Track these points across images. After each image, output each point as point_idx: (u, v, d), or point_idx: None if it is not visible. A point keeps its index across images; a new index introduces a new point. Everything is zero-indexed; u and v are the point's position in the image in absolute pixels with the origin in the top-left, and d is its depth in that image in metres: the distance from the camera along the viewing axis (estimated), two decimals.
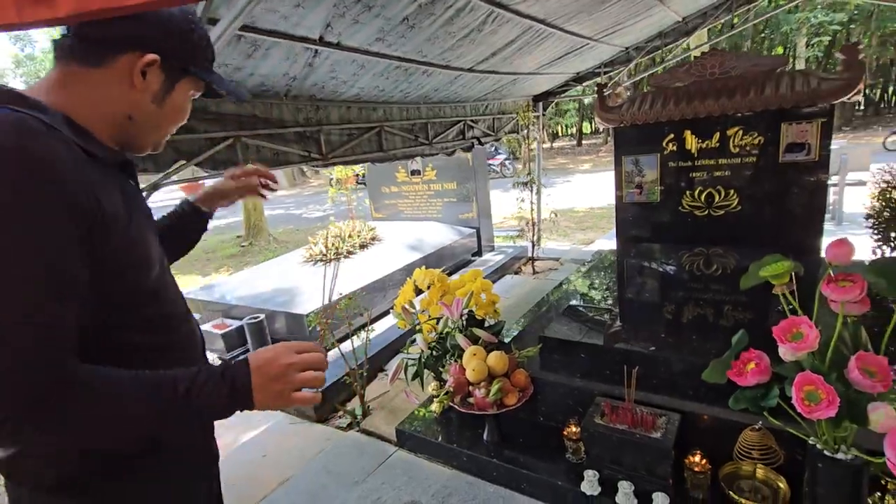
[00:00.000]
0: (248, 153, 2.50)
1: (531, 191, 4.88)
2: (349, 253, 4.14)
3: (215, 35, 1.42)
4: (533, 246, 5.04)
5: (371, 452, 2.33)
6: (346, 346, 2.74)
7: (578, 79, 5.16)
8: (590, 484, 1.76)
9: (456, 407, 1.97)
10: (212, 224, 1.30)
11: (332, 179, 7.78)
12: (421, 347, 2.17)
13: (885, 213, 3.29)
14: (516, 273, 5.08)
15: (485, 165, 5.16)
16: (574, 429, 1.89)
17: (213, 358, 3.30)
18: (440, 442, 2.19)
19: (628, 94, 4.89)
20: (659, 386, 1.98)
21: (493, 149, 16.00)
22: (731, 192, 3.63)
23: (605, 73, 5.04)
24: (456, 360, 2.12)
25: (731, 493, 1.61)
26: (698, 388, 1.84)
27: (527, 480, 1.92)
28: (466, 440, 2.17)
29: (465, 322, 2.38)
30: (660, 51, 4.75)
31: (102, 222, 0.65)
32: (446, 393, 1.98)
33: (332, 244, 4.14)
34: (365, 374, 2.71)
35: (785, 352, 1.33)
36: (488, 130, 4.60)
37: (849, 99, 3.33)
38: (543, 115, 5.60)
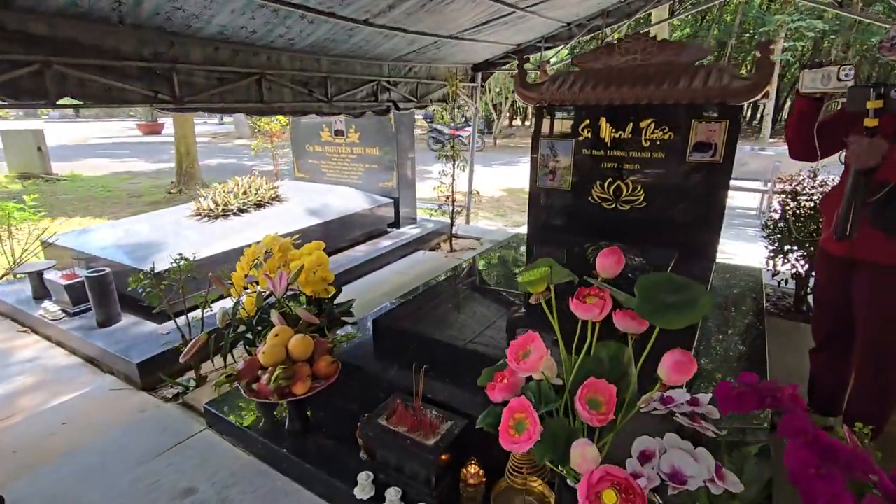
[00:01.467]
0: (66, 84, 2.18)
1: (453, 164, 4.64)
2: (241, 211, 3.85)
3: None
4: (452, 222, 4.84)
5: (175, 430, 2.14)
6: (201, 313, 2.50)
7: (519, 51, 4.88)
8: (361, 488, 1.61)
9: (242, 392, 1.78)
10: (150, 166, 1.03)
11: (284, 136, 7.34)
12: (219, 321, 1.95)
13: (780, 224, 3.20)
14: (432, 250, 4.90)
15: (409, 132, 4.86)
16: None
17: (56, 310, 3.02)
18: (239, 425, 2.01)
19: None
20: (459, 387, 1.83)
21: (462, 120, 15.57)
22: (639, 187, 3.49)
23: (547, 48, 4.77)
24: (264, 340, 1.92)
25: None
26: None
27: (310, 476, 1.77)
28: (268, 426, 1.99)
29: (307, 298, 2.19)
30: (602, 31, 4.48)
31: None
32: (228, 375, 1.79)
33: (223, 199, 3.84)
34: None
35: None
36: (410, 95, 4.30)
37: (756, 100, 3.16)
38: (482, 85, 5.32)
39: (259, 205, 4.00)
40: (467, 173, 5.32)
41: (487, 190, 8.77)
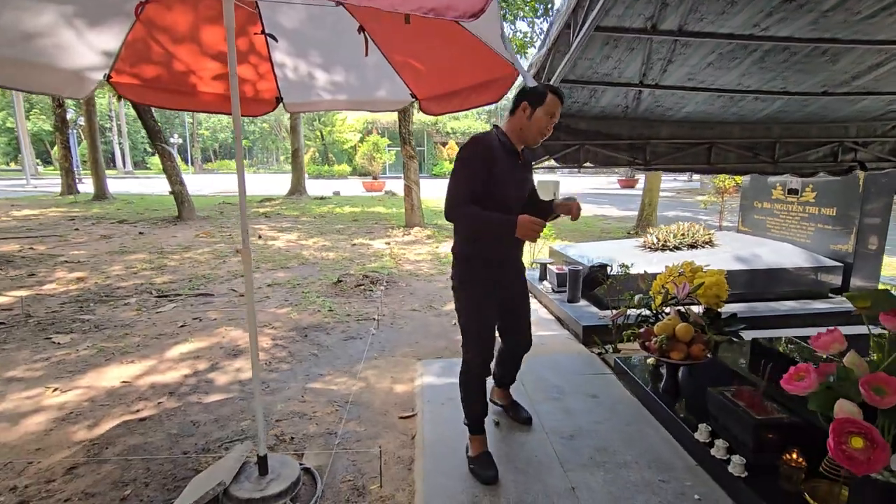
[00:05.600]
0: (588, 156, 3.83)
1: None
2: (675, 248, 4.79)
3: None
4: None
5: (594, 367, 3.37)
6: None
7: None
8: (700, 433, 2.28)
9: (639, 346, 2.78)
10: (620, 213, 2.15)
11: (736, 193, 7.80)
12: (636, 302, 3.00)
13: None
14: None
15: (885, 195, 4.31)
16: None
17: (548, 287, 4.95)
18: (632, 375, 3.00)
19: None
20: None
21: None
22: None
23: None
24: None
25: (806, 494, 1.82)
26: None
27: (668, 419, 2.56)
28: (648, 381, 2.89)
29: (703, 308, 2.97)
30: None
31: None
32: (633, 333, 2.80)
33: (664, 237, 4.89)
34: (618, 327, 3.64)
35: None
36: (888, 155, 3.96)
37: None
38: None
39: (692, 246, 4.81)
40: None
41: None
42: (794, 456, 1.93)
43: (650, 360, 3.16)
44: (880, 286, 4.63)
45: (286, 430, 2.67)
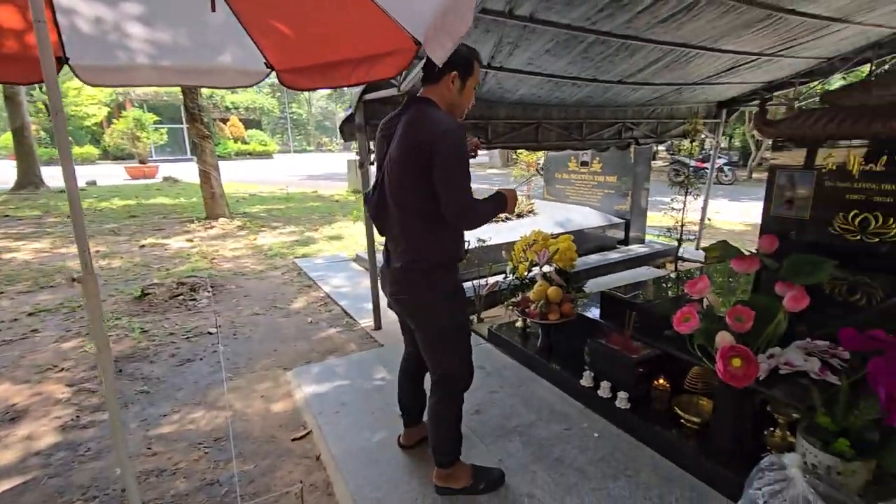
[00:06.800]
0: None
1: (685, 191, 5.16)
2: (507, 219, 5.29)
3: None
4: (679, 244, 5.33)
5: None
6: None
7: (770, 87, 5.09)
8: (585, 379, 2.59)
9: (516, 313, 2.98)
10: None
11: (540, 166, 9.02)
12: (507, 278, 3.22)
13: None
14: (658, 267, 5.46)
15: (646, 164, 5.58)
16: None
17: None
18: (510, 341, 3.22)
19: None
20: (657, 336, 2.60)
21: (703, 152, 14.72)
22: (891, 219, 3.54)
23: (802, 83, 4.87)
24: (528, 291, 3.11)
25: (675, 407, 2.26)
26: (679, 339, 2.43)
27: (551, 372, 2.84)
28: (525, 344, 3.16)
29: (555, 269, 3.32)
30: (870, 64, 4.39)
31: None
32: (512, 302, 3.01)
33: None
34: (483, 298, 3.87)
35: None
36: (650, 133, 5.07)
37: None
38: (726, 122, 5.64)
39: (519, 216, 5.38)
40: (702, 203, 5.70)
41: (729, 223, 8.52)
42: (662, 381, 2.36)
43: (518, 324, 3.45)
44: (647, 236, 6.00)
45: (147, 497, 2.05)
